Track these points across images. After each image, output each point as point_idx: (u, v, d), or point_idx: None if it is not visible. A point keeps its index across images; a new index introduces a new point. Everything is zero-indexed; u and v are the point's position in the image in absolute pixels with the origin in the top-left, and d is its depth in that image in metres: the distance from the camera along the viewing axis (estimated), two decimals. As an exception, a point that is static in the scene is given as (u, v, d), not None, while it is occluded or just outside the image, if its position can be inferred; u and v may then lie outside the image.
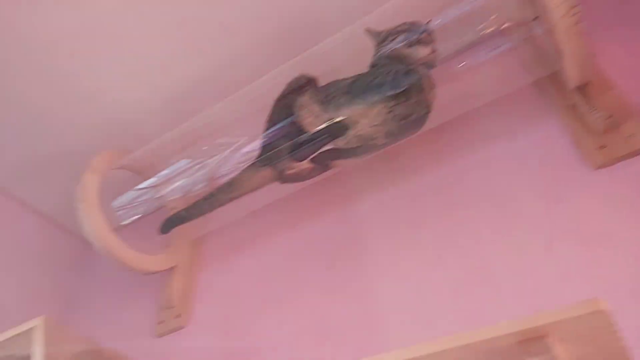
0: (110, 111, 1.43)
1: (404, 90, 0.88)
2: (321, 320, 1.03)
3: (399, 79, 0.87)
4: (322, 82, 1.02)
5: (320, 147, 0.98)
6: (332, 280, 1.07)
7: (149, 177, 1.38)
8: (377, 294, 0.99)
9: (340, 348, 0.96)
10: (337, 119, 0.94)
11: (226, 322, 1.19)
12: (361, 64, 1.00)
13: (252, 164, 1.07)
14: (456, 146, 1.09)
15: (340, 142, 0.97)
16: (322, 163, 1.02)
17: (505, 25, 0.90)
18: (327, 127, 0.94)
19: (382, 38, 0.94)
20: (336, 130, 0.94)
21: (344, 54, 1.07)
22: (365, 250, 1.07)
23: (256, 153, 1.07)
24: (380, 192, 1.14)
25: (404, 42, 0.89)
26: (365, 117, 0.92)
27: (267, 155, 1.04)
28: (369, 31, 0.97)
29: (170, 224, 1.23)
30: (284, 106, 1.01)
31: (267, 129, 1.05)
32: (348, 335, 0.97)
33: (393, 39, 0.91)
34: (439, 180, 1.07)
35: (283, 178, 1.06)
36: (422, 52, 0.89)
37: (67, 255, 1.75)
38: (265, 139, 1.04)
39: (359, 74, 0.96)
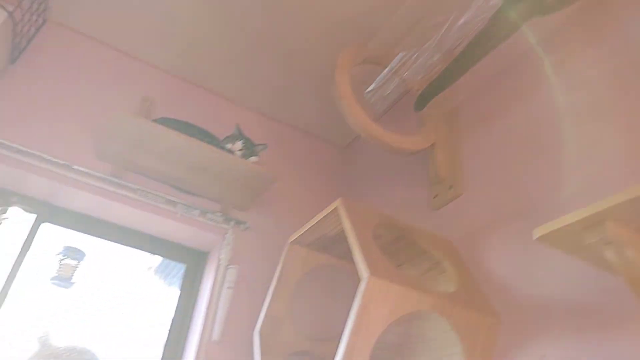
0: (336, 12, 1.47)
1: None
2: (610, 161, 0.90)
3: None
4: None
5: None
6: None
7: (387, 66, 1.41)
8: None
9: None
10: None
11: (500, 183, 1.17)
12: None
13: (503, 5, 0.97)
14: None
15: None
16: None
17: None
18: None
19: None
20: None
21: None
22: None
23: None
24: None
25: None
26: None
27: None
28: None
29: (424, 98, 1.24)
30: None
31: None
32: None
33: None
34: None
35: (544, 9, 0.93)
36: None
37: (332, 160, 1.97)
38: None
39: None
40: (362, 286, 0.91)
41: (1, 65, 1.45)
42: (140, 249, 1.71)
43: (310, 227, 1.27)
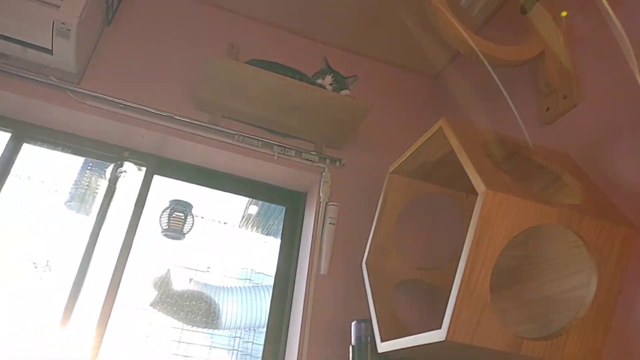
0: None
1: None
2: None
3: None
4: None
5: None
6: None
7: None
8: None
9: None
10: None
11: (623, 86, 1.03)
12: None
13: None
14: None
15: None
16: None
17: None
18: None
19: None
20: None
21: None
22: None
23: None
24: None
25: None
26: None
27: None
28: None
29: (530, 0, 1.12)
30: None
31: None
32: None
33: None
34: None
35: None
36: None
37: (422, 91, 1.89)
38: None
39: None
40: (479, 201, 0.86)
41: (99, 27, 1.53)
42: (243, 195, 1.78)
43: (411, 154, 1.23)
